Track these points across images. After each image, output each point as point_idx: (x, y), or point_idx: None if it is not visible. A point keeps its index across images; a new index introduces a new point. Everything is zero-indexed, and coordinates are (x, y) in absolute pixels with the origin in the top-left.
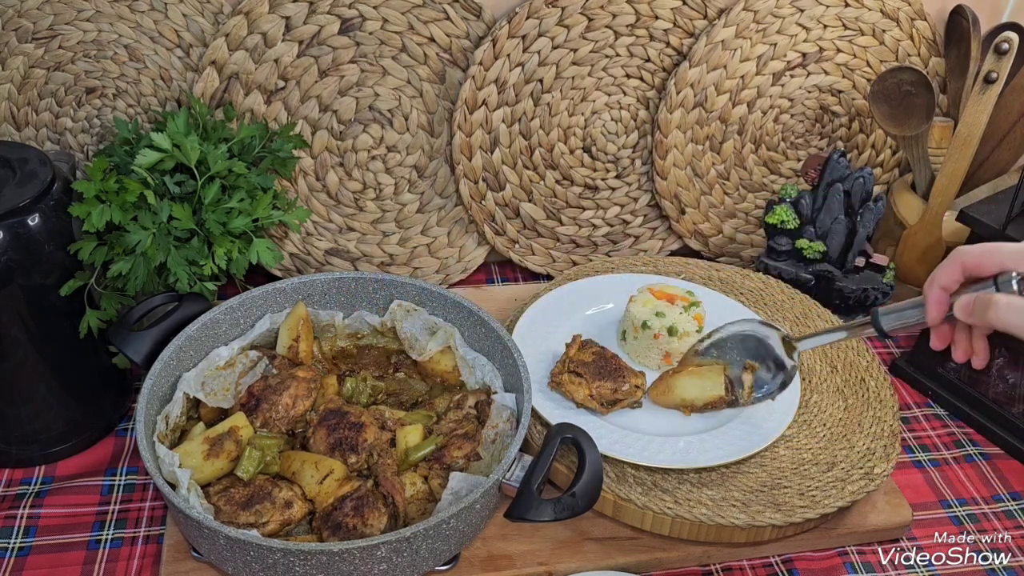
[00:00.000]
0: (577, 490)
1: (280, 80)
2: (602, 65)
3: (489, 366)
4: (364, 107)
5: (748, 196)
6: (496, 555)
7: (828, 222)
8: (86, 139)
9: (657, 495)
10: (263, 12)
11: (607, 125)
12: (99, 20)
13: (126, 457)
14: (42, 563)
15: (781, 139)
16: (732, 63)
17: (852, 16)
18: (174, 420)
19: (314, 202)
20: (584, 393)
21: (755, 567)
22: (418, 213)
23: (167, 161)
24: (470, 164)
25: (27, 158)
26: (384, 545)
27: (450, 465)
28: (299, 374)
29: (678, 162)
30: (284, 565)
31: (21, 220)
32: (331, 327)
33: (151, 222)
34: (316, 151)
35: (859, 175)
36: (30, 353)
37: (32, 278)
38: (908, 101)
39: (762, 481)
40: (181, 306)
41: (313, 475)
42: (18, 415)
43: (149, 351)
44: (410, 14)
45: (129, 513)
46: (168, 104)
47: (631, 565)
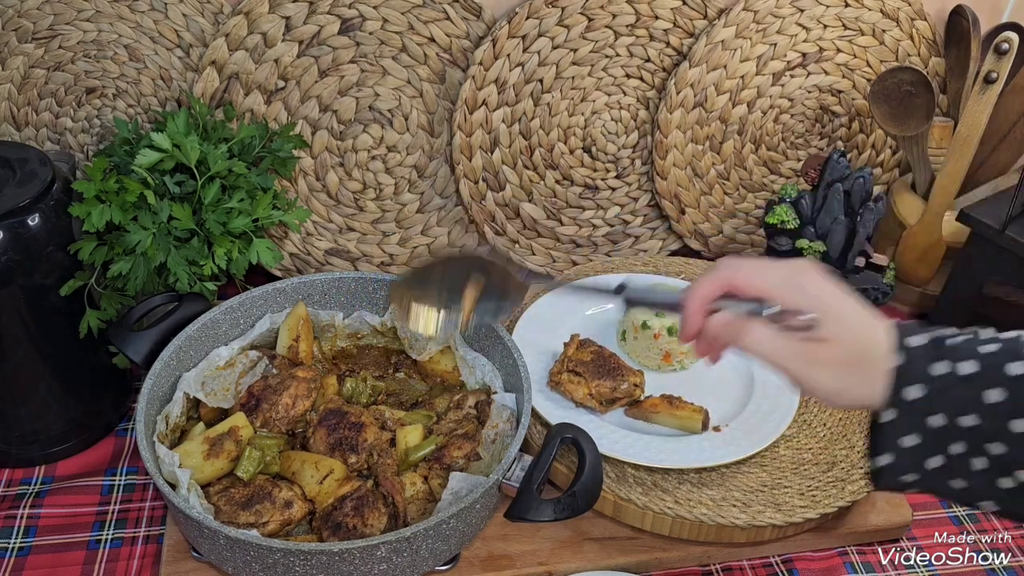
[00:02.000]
0: (577, 490)
1: (280, 80)
2: (602, 65)
3: (489, 366)
4: (364, 107)
5: (748, 196)
6: (496, 555)
7: (828, 222)
8: (86, 139)
9: (657, 495)
10: (263, 12)
11: (607, 125)
12: (99, 20)
13: (126, 457)
14: (42, 563)
15: (781, 139)
16: (732, 63)
17: (852, 16)
18: (174, 420)
19: (314, 202)
20: (583, 392)
21: (755, 567)
22: (418, 213)
23: (167, 161)
24: (470, 164)
25: (27, 158)
26: (384, 545)
27: (450, 465)
28: (299, 374)
29: (678, 162)
30: (284, 565)
31: (21, 220)
32: (331, 327)
33: (151, 222)
34: (316, 151)
35: (859, 175)
36: (30, 353)
37: (32, 278)
38: (908, 101)
39: (762, 481)
40: (181, 306)
41: (313, 475)
42: (18, 415)
43: (149, 351)
44: (410, 14)
45: (129, 513)
46: (168, 104)
47: (631, 565)
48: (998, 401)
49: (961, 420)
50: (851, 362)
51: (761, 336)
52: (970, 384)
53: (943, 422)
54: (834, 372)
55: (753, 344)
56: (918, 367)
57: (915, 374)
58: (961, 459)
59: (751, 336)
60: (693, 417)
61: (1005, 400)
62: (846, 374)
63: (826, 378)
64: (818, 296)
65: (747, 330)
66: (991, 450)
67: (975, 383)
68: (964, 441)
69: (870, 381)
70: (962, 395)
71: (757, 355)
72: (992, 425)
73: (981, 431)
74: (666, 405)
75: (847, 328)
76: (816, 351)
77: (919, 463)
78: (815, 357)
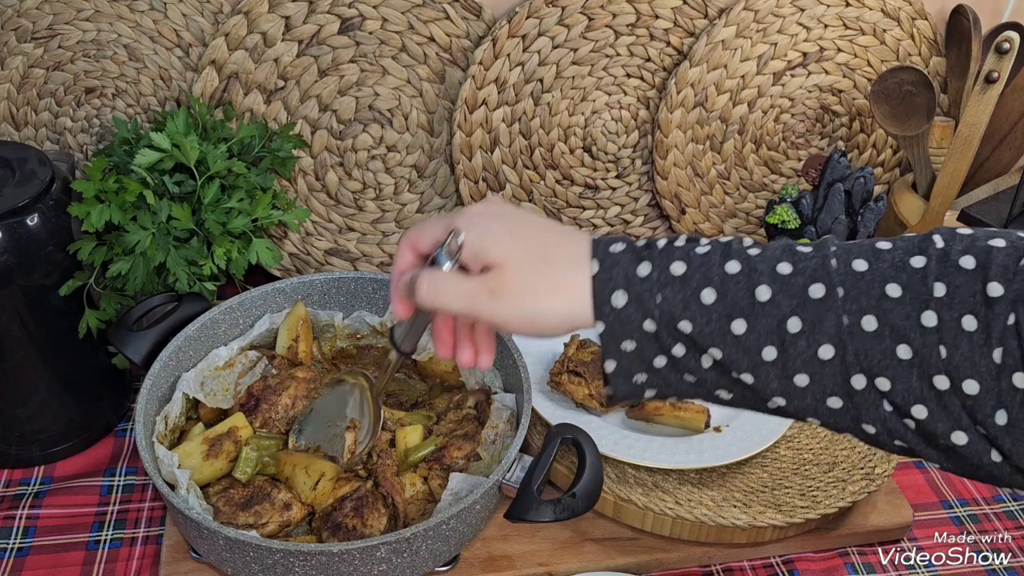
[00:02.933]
0: (577, 491)
1: (280, 80)
2: (602, 65)
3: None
4: (364, 107)
5: (749, 196)
6: (496, 556)
7: (829, 222)
8: (85, 139)
9: (658, 495)
10: (263, 12)
11: (607, 125)
12: (98, 20)
13: (125, 457)
14: (41, 564)
15: (782, 139)
16: (733, 63)
17: (853, 16)
18: (173, 420)
19: (314, 202)
20: (583, 392)
21: (756, 567)
22: (418, 213)
23: (166, 161)
24: (470, 164)
25: (26, 158)
26: (384, 546)
27: (450, 466)
28: (299, 374)
29: (678, 162)
30: (283, 566)
31: (20, 220)
32: (331, 327)
33: (150, 222)
34: (316, 151)
35: (860, 175)
36: (29, 353)
37: (31, 278)
38: (909, 101)
39: (763, 481)
40: (180, 306)
41: (305, 481)
42: (17, 415)
43: (148, 351)
44: (410, 14)
45: (128, 514)
46: (167, 104)
47: (631, 566)
48: (712, 302)
49: (680, 324)
50: (533, 280)
51: (431, 281)
52: (684, 283)
53: (653, 328)
54: (520, 295)
55: (425, 294)
56: (620, 272)
57: (617, 280)
58: (686, 359)
59: (422, 284)
60: (696, 417)
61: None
62: (532, 293)
63: (514, 305)
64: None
65: (419, 280)
66: (713, 355)
67: (688, 283)
68: (683, 344)
69: (564, 294)
70: (675, 296)
71: (436, 305)
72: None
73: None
74: (668, 407)
75: (520, 241)
76: (494, 280)
77: (647, 362)
78: (496, 286)
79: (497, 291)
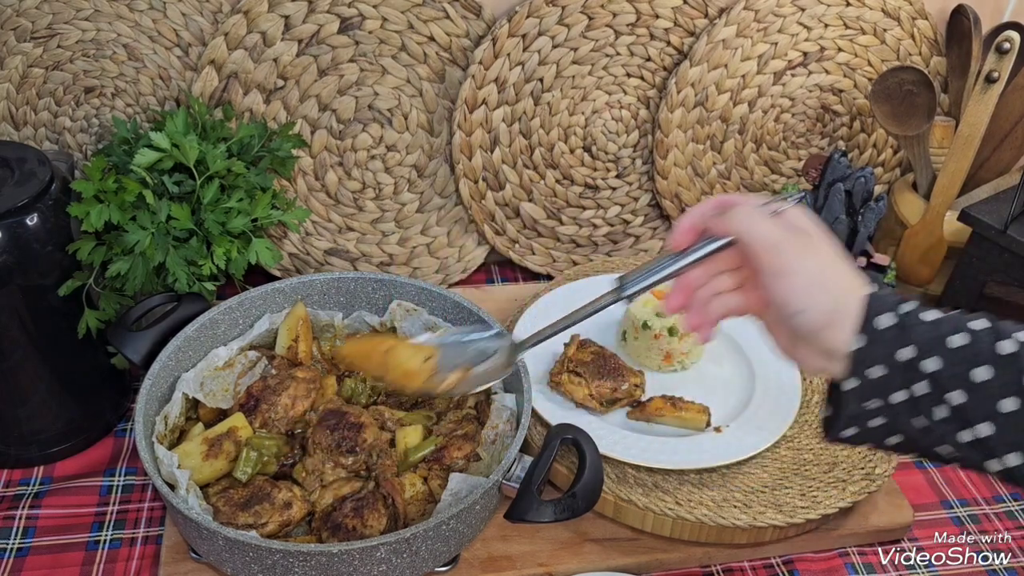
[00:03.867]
0: (577, 491)
1: (279, 79)
2: (602, 64)
3: None
4: (363, 106)
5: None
6: (496, 556)
7: (829, 222)
8: (85, 138)
9: (658, 496)
10: (262, 11)
11: (607, 124)
12: (98, 19)
13: (125, 458)
14: (41, 564)
15: (782, 138)
16: (733, 62)
17: (853, 15)
18: (173, 420)
19: (313, 202)
20: (583, 392)
21: (756, 568)
22: (418, 213)
23: (166, 161)
24: (470, 163)
25: (25, 158)
26: (384, 546)
27: (450, 466)
28: (298, 374)
29: (679, 161)
30: (283, 566)
31: (19, 220)
32: (330, 327)
33: (150, 222)
34: (315, 150)
35: (860, 175)
36: (29, 353)
37: (31, 278)
38: (909, 100)
39: (763, 482)
40: (180, 306)
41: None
42: (17, 415)
43: (148, 351)
44: (410, 13)
45: (128, 514)
46: (167, 103)
47: (632, 566)
48: (962, 345)
49: (926, 362)
50: (834, 261)
51: (750, 212)
52: (936, 326)
53: (912, 355)
54: (821, 263)
55: (735, 217)
56: (887, 302)
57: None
58: (925, 400)
59: (738, 209)
60: (698, 416)
61: (967, 344)
62: (832, 267)
63: (815, 263)
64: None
65: (736, 205)
66: (952, 399)
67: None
68: (927, 381)
69: (845, 295)
70: (927, 336)
71: (737, 232)
72: (955, 371)
73: (943, 375)
74: (670, 407)
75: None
76: (804, 240)
77: (884, 394)
78: (806, 246)
79: (804, 251)
